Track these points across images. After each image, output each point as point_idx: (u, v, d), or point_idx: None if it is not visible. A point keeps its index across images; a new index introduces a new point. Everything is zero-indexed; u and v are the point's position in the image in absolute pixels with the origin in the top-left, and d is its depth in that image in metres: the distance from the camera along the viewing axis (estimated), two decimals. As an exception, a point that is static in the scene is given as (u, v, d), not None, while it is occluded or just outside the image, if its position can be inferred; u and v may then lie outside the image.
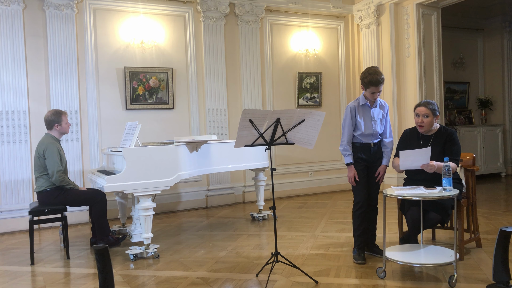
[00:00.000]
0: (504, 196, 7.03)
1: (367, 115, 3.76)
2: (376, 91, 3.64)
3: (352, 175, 3.76)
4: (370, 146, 3.78)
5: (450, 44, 8.92)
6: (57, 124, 4.47)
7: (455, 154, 3.58)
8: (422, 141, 3.73)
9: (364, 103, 3.75)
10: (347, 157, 3.77)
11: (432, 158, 3.50)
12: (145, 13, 6.44)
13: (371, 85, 3.61)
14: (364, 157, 3.78)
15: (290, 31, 7.61)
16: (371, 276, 3.37)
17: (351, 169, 3.76)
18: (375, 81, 3.59)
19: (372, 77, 3.59)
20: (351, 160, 3.76)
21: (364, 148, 3.78)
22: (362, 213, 3.79)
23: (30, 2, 5.79)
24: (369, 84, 3.62)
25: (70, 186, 4.39)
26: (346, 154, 3.78)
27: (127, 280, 3.52)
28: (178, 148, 4.34)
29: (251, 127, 3.27)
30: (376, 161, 3.82)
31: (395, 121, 7.36)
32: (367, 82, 3.62)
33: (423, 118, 3.64)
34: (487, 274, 3.28)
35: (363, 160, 3.79)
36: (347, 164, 3.79)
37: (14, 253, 4.55)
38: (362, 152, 3.78)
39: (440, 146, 3.63)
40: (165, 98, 6.55)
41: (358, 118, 3.75)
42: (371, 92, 3.66)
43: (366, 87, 3.66)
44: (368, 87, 3.64)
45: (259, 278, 3.44)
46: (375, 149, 3.80)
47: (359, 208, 3.79)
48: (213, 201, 6.85)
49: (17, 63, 5.65)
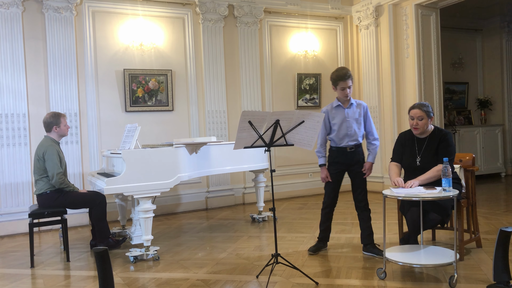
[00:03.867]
0: (504, 196, 7.04)
1: (341, 115, 3.89)
2: (345, 86, 3.80)
3: (325, 176, 3.98)
4: (346, 150, 3.90)
5: (449, 44, 8.93)
6: (56, 126, 4.47)
7: (450, 154, 3.55)
8: (417, 144, 3.72)
9: (338, 104, 3.92)
10: (320, 159, 3.99)
11: (426, 160, 3.60)
12: (144, 15, 6.45)
13: (339, 79, 3.79)
14: (341, 161, 3.92)
15: (289, 33, 7.62)
16: (372, 277, 3.37)
17: (323, 170, 3.99)
18: (342, 75, 3.77)
19: (339, 72, 3.82)
20: (324, 162, 3.99)
21: (340, 152, 3.92)
22: (327, 213, 4.05)
23: (29, 5, 5.80)
24: (337, 80, 3.81)
25: (70, 189, 4.39)
26: (319, 156, 3.99)
27: (128, 282, 3.51)
28: (177, 150, 4.34)
29: (251, 129, 3.27)
30: (355, 164, 3.94)
31: (394, 122, 7.37)
32: (335, 78, 3.82)
33: (417, 121, 3.64)
34: (487, 274, 3.28)
35: (339, 164, 3.94)
36: (320, 165, 4.00)
37: (14, 256, 4.55)
38: (339, 156, 3.93)
39: (434, 147, 3.62)
40: (164, 100, 6.55)
41: (332, 120, 3.91)
42: (341, 88, 3.83)
43: (336, 84, 3.85)
44: (337, 83, 3.82)
45: (259, 279, 3.43)
46: (352, 152, 3.91)
47: (325, 208, 4.06)
48: (213, 202, 6.85)
49: (16, 66, 5.66)
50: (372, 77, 7.70)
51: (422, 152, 3.65)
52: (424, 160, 3.62)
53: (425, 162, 3.60)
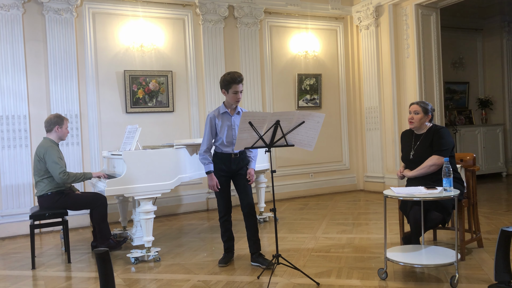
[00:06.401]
0: (505, 196, 7.03)
1: (227, 123, 3.78)
2: (238, 89, 3.67)
3: (214, 183, 3.79)
4: (231, 157, 3.80)
5: (449, 44, 8.92)
6: (58, 126, 4.46)
7: (441, 146, 3.67)
8: (414, 139, 3.89)
9: (225, 111, 3.77)
10: (207, 166, 3.81)
11: (419, 153, 3.74)
12: (145, 16, 6.45)
13: (233, 82, 3.65)
14: (225, 168, 3.81)
15: (289, 33, 7.63)
16: (373, 277, 3.37)
17: (211, 178, 3.79)
18: (236, 77, 3.64)
19: (233, 74, 3.66)
20: (211, 168, 3.80)
21: (225, 159, 3.80)
22: (225, 221, 3.92)
23: (29, 6, 5.80)
24: (231, 82, 3.65)
25: (79, 179, 4.34)
26: (205, 162, 3.81)
27: (129, 284, 3.52)
28: (178, 151, 4.34)
29: (251, 130, 3.27)
30: (239, 170, 3.83)
31: (395, 122, 7.37)
32: (229, 80, 3.65)
33: (413, 115, 3.82)
34: (488, 274, 3.27)
35: (224, 171, 3.82)
36: (207, 173, 3.82)
37: (15, 257, 4.55)
38: (223, 163, 3.81)
39: (429, 142, 3.76)
40: (165, 101, 6.56)
41: (218, 127, 3.77)
42: (234, 91, 3.68)
43: (228, 87, 3.68)
44: (230, 86, 3.66)
45: (260, 280, 3.43)
46: (236, 159, 3.81)
47: (222, 217, 3.92)
48: (214, 203, 6.85)
49: (17, 67, 5.66)
50: (373, 77, 7.69)
51: (417, 147, 3.82)
52: (417, 154, 3.78)
53: (418, 155, 3.77)
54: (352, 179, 8.15)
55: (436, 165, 3.63)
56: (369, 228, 5.01)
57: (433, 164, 3.64)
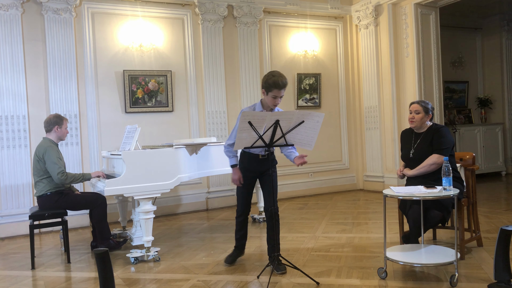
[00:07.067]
0: (504, 195, 7.03)
1: None
2: (278, 95, 3.53)
3: (237, 177, 3.69)
4: (258, 158, 3.71)
5: (448, 43, 8.93)
6: (58, 126, 4.45)
7: (442, 144, 3.68)
8: (414, 137, 3.90)
9: (260, 111, 3.59)
10: (232, 159, 3.72)
11: (419, 152, 3.75)
12: (144, 16, 6.45)
13: (275, 87, 3.49)
14: (252, 168, 3.72)
15: (289, 33, 7.62)
16: (373, 276, 3.37)
17: (235, 171, 3.70)
18: (280, 83, 3.48)
19: (277, 79, 3.48)
20: (236, 162, 3.72)
21: (252, 159, 3.70)
22: (242, 221, 3.85)
23: (28, 6, 5.80)
24: (272, 86, 3.49)
25: (79, 180, 4.33)
26: (230, 155, 3.72)
27: (128, 284, 3.51)
28: (178, 150, 4.34)
29: (250, 129, 3.26)
30: (267, 170, 3.69)
31: (395, 121, 7.37)
32: (271, 84, 3.48)
33: (414, 114, 3.83)
34: (488, 273, 3.27)
35: (250, 171, 3.73)
36: (231, 166, 3.73)
37: (15, 257, 4.55)
38: (249, 162, 3.71)
39: (429, 140, 3.77)
40: (164, 101, 6.55)
41: None
42: (273, 96, 3.54)
43: (269, 90, 3.52)
44: (271, 89, 3.51)
45: (260, 280, 3.43)
46: (264, 160, 3.69)
47: (239, 216, 3.85)
48: (214, 203, 6.85)
49: (16, 67, 5.66)
50: (372, 77, 7.69)
51: (417, 145, 3.83)
52: (417, 152, 3.80)
53: (418, 154, 3.78)
54: (351, 178, 8.15)
55: (436, 164, 3.63)
56: (368, 228, 5.01)
57: (434, 163, 3.64)
